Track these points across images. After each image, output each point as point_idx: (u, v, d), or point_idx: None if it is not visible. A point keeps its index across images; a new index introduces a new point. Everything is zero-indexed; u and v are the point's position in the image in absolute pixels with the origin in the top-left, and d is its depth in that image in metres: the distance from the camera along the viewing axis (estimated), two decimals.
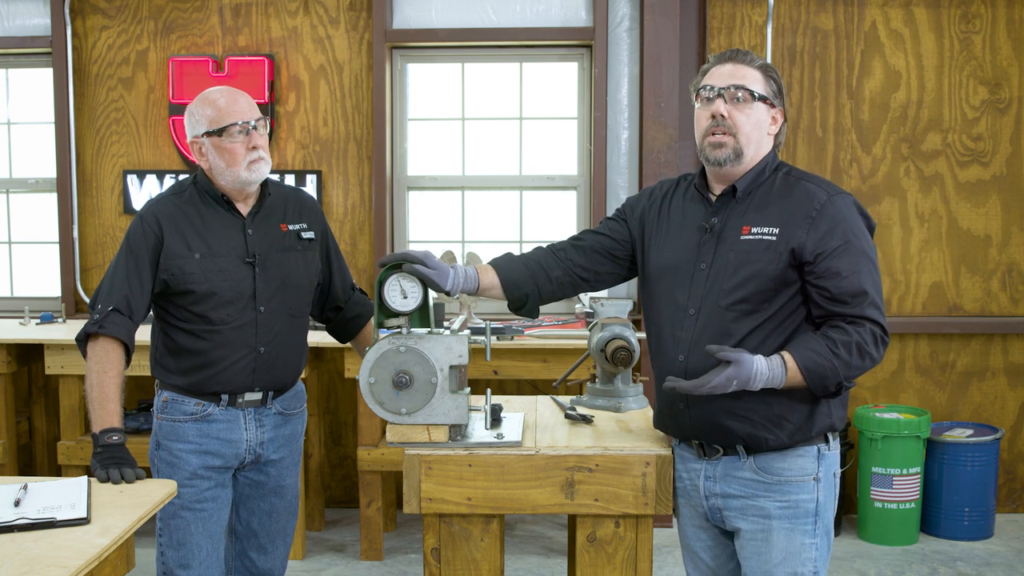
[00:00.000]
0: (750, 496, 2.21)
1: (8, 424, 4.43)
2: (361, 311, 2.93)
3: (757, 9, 4.77)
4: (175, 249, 2.59)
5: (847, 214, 2.17)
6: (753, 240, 2.17)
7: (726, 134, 2.20)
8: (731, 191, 2.24)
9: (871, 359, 2.12)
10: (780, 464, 2.20)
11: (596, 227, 2.51)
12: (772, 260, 2.14)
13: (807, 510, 2.20)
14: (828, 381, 2.10)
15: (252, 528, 2.79)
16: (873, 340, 2.11)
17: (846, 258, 2.12)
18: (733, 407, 2.17)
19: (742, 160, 2.21)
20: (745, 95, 2.20)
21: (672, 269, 2.28)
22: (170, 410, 2.65)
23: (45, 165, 5.06)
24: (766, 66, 2.25)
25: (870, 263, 2.16)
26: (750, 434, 2.18)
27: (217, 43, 4.87)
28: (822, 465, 2.22)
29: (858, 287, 2.12)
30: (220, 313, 2.60)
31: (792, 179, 2.24)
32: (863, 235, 2.18)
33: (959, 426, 4.71)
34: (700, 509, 2.31)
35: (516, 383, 4.88)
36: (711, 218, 2.25)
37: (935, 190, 4.82)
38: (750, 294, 2.15)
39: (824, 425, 2.20)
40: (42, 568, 1.74)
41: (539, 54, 4.93)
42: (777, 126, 2.27)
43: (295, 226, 2.74)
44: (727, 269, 2.18)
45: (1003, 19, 4.75)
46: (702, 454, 2.26)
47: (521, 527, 4.69)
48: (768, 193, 2.22)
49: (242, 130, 2.57)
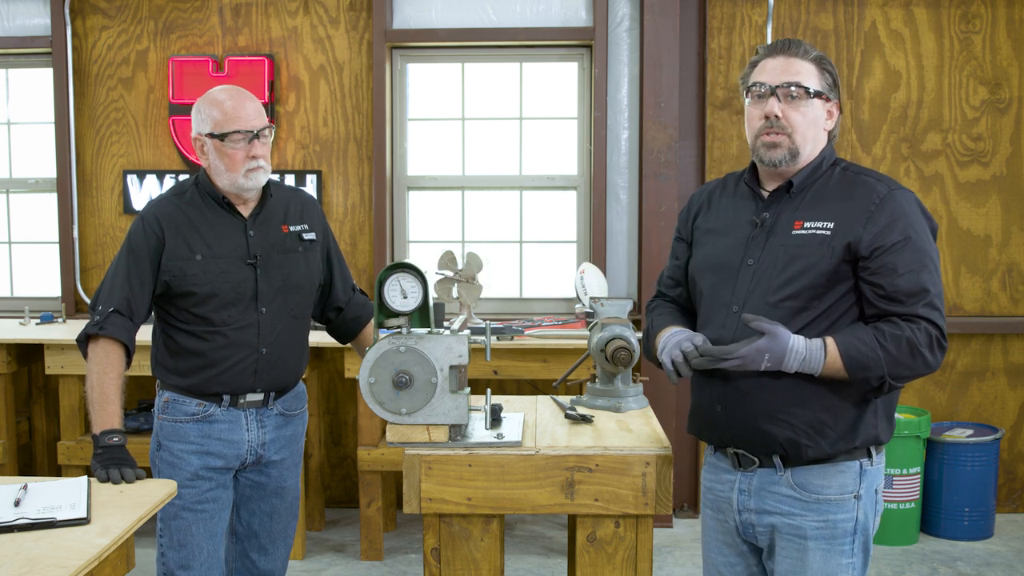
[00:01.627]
0: (786, 514, 2.10)
1: (8, 424, 4.43)
2: (361, 312, 2.93)
3: (757, 9, 4.77)
4: (176, 250, 2.59)
5: (908, 209, 2.04)
6: (806, 235, 2.06)
7: (780, 134, 2.09)
8: (786, 186, 2.14)
9: (923, 361, 1.98)
10: (819, 481, 2.08)
11: (669, 262, 2.40)
12: (825, 255, 2.03)
13: (845, 530, 2.08)
14: (870, 372, 1.97)
15: (253, 529, 2.79)
16: (928, 341, 1.98)
17: (905, 254, 2.00)
18: (772, 410, 2.05)
19: (798, 160, 2.11)
20: (800, 92, 2.08)
21: (719, 266, 2.17)
22: (171, 410, 2.65)
23: (45, 165, 5.06)
24: (820, 58, 2.12)
25: (931, 263, 2.03)
26: (789, 439, 2.05)
27: (217, 43, 4.87)
28: (864, 481, 2.09)
29: (916, 285, 1.99)
30: (222, 314, 2.60)
31: (851, 174, 2.13)
32: (924, 233, 2.05)
33: (959, 426, 4.71)
34: (730, 524, 2.20)
35: (516, 383, 4.88)
36: (762, 213, 2.14)
37: (935, 190, 4.82)
38: (800, 290, 2.04)
39: (869, 436, 2.07)
40: (42, 568, 1.74)
41: (539, 54, 4.93)
42: (833, 120, 2.16)
43: (296, 227, 2.73)
44: (776, 265, 2.08)
45: (1003, 19, 4.75)
46: (737, 464, 2.16)
47: (521, 527, 4.69)
48: (824, 188, 2.11)
49: (244, 137, 2.58)
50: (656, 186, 4.68)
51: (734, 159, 4.80)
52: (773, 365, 1.99)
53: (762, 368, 1.99)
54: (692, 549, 4.37)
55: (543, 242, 5.04)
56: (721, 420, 2.14)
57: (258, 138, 2.59)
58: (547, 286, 5.04)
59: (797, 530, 2.09)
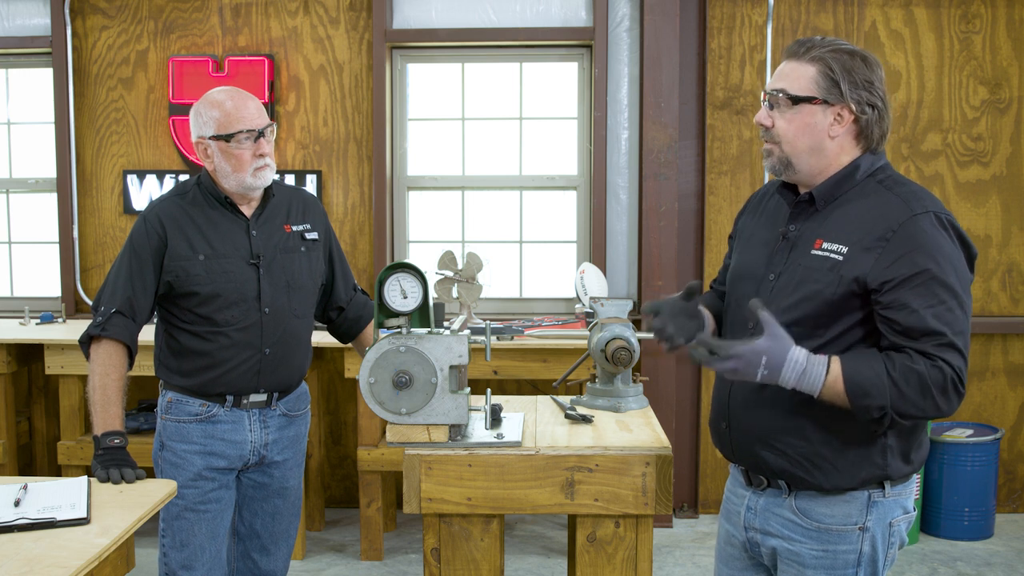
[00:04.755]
0: (786, 539, 2.02)
1: (8, 424, 4.43)
2: (363, 313, 2.93)
3: (757, 9, 4.77)
4: (179, 250, 2.59)
5: (931, 236, 1.84)
6: (820, 256, 1.92)
7: (770, 143, 1.99)
8: (808, 199, 2.00)
9: (933, 403, 1.80)
10: (822, 509, 1.97)
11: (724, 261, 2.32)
12: (832, 283, 1.89)
13: (847, 561, 1.97)
14: (872, 400, 1.82)
15: (255, 529, 2.79)
16: (942, 382, 1.80)
17: (920, 290, 1.82)
18: (769, 435, 1.97)
19: (796, 169, 1.98)
20: (780, 99, 1.95)
21: (746, 276, 2.08)
22: (175, 411, 2.65)
23: (45, 165, 5.05)
24: (825, 57, 1.93)
25: (952, 298, 1.82)
26: (783, 470, 1.97)
27: (217, 43, 4.87)
28: (872, 513, 1.96)
29: (929, 326, 1.81)
30: (225, 315, 2.60)
31: (883, 188, 1.93)
32: (948, 263, 1.83)
33: (959, 426, 4.71)
34: (739, 538, 2.15)
35: (516, 383, 4.88)
36: (789, 224, 2.02)
37: (935, 190, 4.81)
38: (804, 316, 1.92)
39: (872, 476, 1.93)
40: (42, 568, 1.74)
41: (539, 54, 4.93)
42: (844, 126, 1.94)
43: (299, 227, 2.73)
44: (790, 284, 1.95)
45: (1003, 19, 4.75)
46: (748, 482, 2.10)
47: (521, 527, 4.69)
48: (853, 204, 1.94)
49: (250, 136, 2.58)
50: (656, 186, 4.68)
51: (734, 159, 4.80)
52: (770, 373, 1.85)
53: (758, 378, 1.85)
54: (692, 549, 4.37)
55: (543, 242, 5.04)
56: (726, 437, 2.11)
57: (263, 136, 2.60)
58: (547, 286, 5.04)
59: (796, 556, 2.01)
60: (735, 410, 2.06)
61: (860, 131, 1.96)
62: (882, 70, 1.98)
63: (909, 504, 2.02)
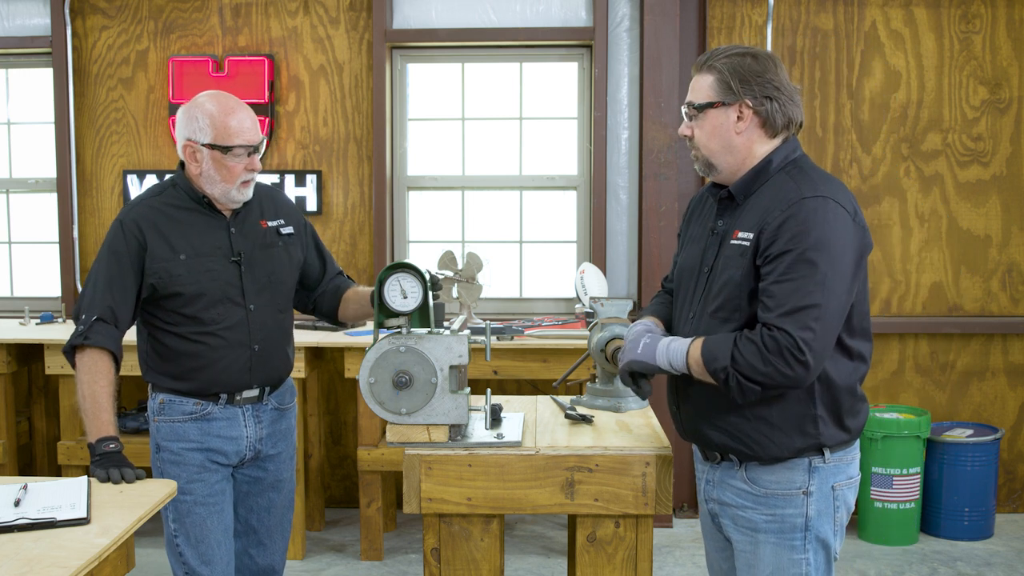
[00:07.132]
0: (740, 507, 2.17)
1: (8, 424, 4.43)
2: (338, 282, 2.90)
3: (757, 9, 4.77)
4: (159, 252, 2.58)
5: (812, 218, 1.98)
6: (735, 245, 2.10)
7: (694, 149, 2.19)
8: (727, 195, 2.18)
9: (775, 370, 1.94)
10: (768, 476, 2.12)
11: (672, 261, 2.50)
12: (740, 266, 2.06)
13: (795, 525, 2.12)
14: (717, 363, 2.00)
15: (251, 525, 2.80)
16: (777, 350, 1.94)
17: (781, 267, 1.97)
18: (711, 414, 2.14)
19: (718, 169, 2.16)
20: (692, 110, 2.16)
21: (687, 270, 2.26)
22: (168, 411, 2.65)
23: (45, 165, 5.05)
24: (716, 64, 2.11)
25: (818, 277, 1.95)
26: (726, 445, 2.13)
27: (217, 43, 4.87)
28: (814, 478, 2.11)
29: (785, 295, 1.96)
30: (211, 313, 2.61)
31: (788, 177, 2.09)
32: (825, 244, 1.97)
33: (959, 426, 4.71)
34: (707, 512, 2.30)
35: (516, 383, 4.88)
36: (717, 220, 2.20)
37: (935, 190, 4.82)
38: (724, 301, 2.10)
39: (807, 444, 2.09)
40: (42, 568, 1.74)
41: (539, 54, 4.93)
42: (747, 121, 2.11)
43: (273, 222, 2.76)
44: (716, 274, 2.14)
45: (1003, 19, 4.75)
46: (705, 457, 2.25)
47: (521, 527, 4.69)
48: (765, 194, 2.10)
49: (246, 151, 2.60)
50: (656, 186, 4.68)
51: None
52: (651, 342, 2.14)
53: (639, 350, 2.15)
54: (692, 549, 4.37)
55: (543, 242, 5.04)
56: (677, 418, 2.27)
57: (256, 151, 2.63)
58: (547, 286, 5.04)
59: (750, 523, 2.16)
60: (683, 393, 2.22)
61: (764, 122, 2.12)
62: (777, 62, 2.13)
63: (852, 470, 2.17)
